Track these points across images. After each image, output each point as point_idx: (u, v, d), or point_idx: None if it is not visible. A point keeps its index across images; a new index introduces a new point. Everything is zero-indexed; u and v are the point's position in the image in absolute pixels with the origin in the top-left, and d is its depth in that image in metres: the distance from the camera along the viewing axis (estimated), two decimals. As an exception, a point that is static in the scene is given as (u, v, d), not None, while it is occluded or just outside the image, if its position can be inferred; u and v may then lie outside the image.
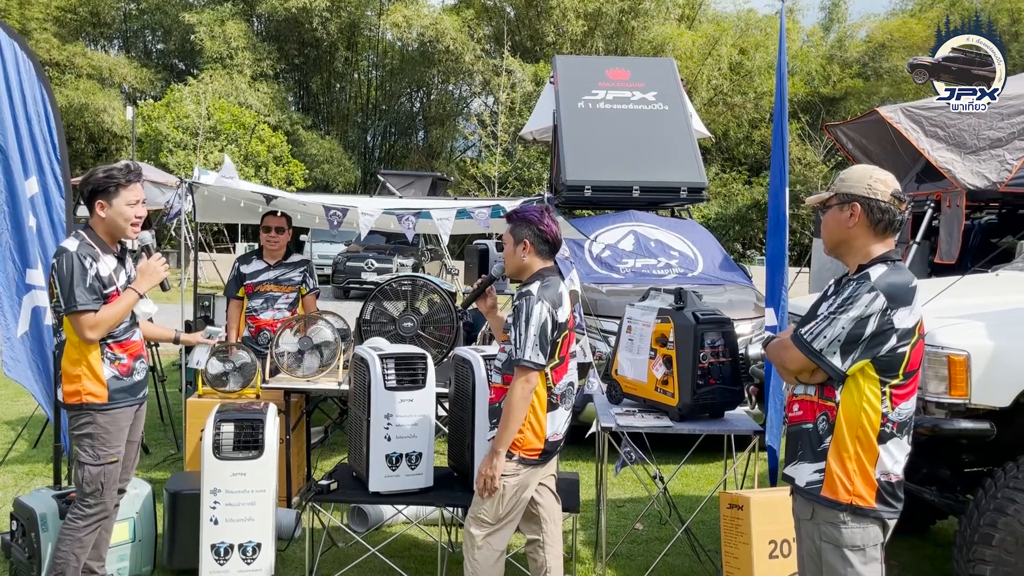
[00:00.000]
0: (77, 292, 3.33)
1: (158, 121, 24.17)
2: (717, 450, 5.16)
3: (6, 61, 4.53)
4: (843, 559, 2.46)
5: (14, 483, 5.43)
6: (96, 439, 3.43)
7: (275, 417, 3.99)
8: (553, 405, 3.29)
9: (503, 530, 3.33)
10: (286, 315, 5.47)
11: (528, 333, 3.14)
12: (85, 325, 3.35)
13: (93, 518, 3.48)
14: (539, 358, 3.14)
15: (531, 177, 25.24)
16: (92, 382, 3.42)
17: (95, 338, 3.39)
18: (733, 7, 36.02)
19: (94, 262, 3.39)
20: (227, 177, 5.19)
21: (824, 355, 2.46)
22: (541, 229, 3.34)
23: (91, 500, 3.46)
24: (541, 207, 3.45)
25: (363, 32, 32.71)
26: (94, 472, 3.43)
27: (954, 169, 7.03)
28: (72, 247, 3.39)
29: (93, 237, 3.47)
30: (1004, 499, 3.31)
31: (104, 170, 3.45)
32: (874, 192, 2.50)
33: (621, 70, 9.64)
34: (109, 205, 3.42)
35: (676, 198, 8.61)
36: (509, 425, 3.18)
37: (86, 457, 3.43)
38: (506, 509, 3.28)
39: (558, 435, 3.33)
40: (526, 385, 3.15)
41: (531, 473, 3.30)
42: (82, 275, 3.34)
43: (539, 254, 3.36)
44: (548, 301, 3.20)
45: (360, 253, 17.88)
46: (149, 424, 6.94)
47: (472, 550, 3.32)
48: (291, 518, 4.61)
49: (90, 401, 3.42)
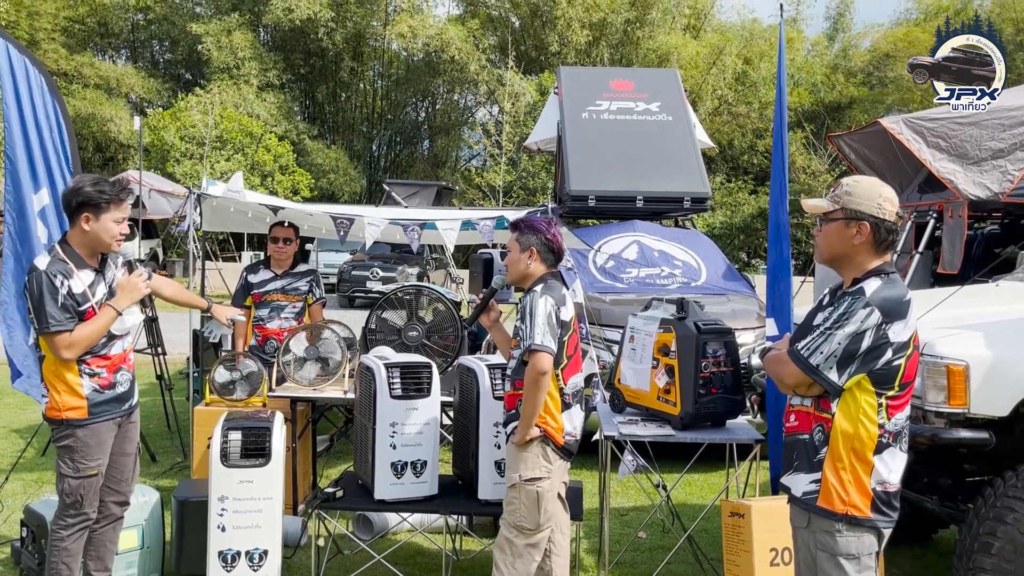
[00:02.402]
0: (49, 311, 3.24)
1: (165, 131, 24.31)
2: (719, 459, 5.18)
3: (16, 77, 4.62)
4: (838, 567, 2.49)
5: (23, 491, 5.48)
6: (76, 452, 3.39)
7: (282, 425, 4.03)
8: (567, 404, 3.38)
9: (542, 537, 3.39)
10: (293, 324, 5.52)
11: (536, 322, 3.24)
12: (60, 345, 3.28)
13: (74, 527, 3.46)
14: (549, 342, 3.23)
15: (535, 187, 25.28)
16: (71, 397, 3.37)
17: (71, 358, 3.32)
18: (737, 17, 35.99)
19: (65, 279, 3.30)
20: (234, 190, 5.24)
21: (821, 370, 2.48)
22: (548, 239, 3.45)
23: (72, 511, 3.44)
24: (547, 218, 3.56)
25: (368, 42, 32.83)
26: (73, 485, 3.40)
27: (956, 180, 7.06)
28: (42, 265, 3.31)
29: (68, 251, 3.37)
30: (1003, 508, 3.33)
31: (94, 183, 3.36)
32: (883, 212, 2.50)
33: (625, 81, 9.70)
34: (96, 220, 3.33)
35: (680, 208, 8.64)
36: (528, 409, 3.27)
37: (66, 469, 3.40)
38: (546, 515, 3.36)
39: (575, 434, 3.42)
40: (536, 369, 3.21)
41: (560, 470, 3.39)
42: (52, 294, 3.25)
43: (544, 262, 3.46)
44: (552, 298, 3.31)
45: (365, 262, 17.96)
46: (156, 432, 7.00)
47: (513, 559, 3.36)
48: (297, 525, 4.64)
49: (70, 417, 3.37)
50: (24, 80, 4.64)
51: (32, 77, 4.68)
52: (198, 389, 5.90)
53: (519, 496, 3.36)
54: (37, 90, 4.69)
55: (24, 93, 4.63)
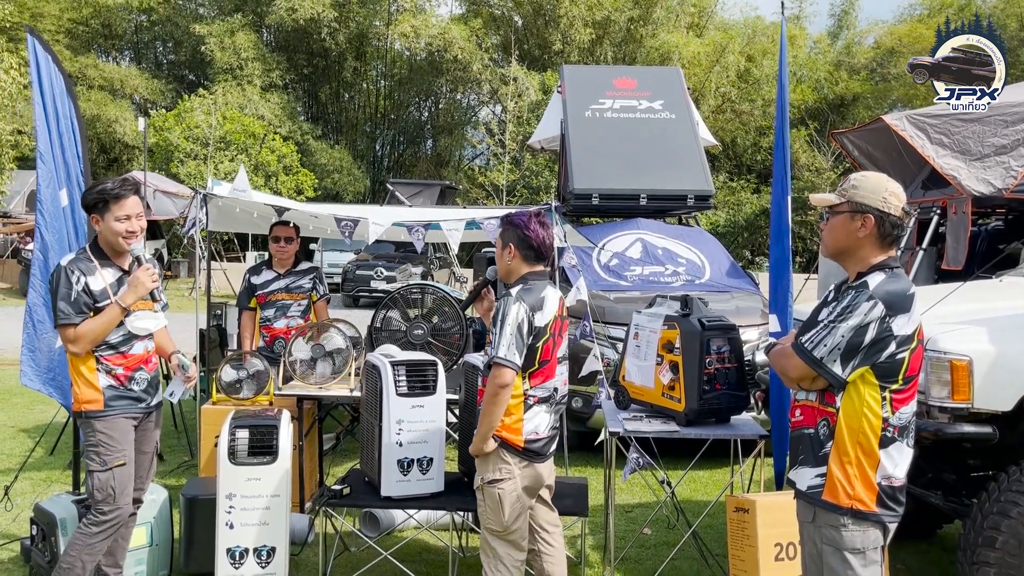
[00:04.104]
0: (60, 306, 3.37)
1: (169, 132, 24.38)
2: (724, 455, 5.19)
3: (41, 75, 4.65)
4: (843, 561, 2.51)
5: (32, 489, 5.52)
6: (99, 445, 3.46)
7: (288, 423, 4.06)
8: (528, 405, 3.29)
9: (516, 537, 3.37)
10: (299, 323, 5.55)
11: (504, 332, 3.17)
12: (66, 339, 3.41)
13: (107, 524, 3.47)
14: (514, 356, 3.17)
15: (539, 185, 25.29)
16: (88, 389, 3.45)
17: (78, 351, 3.41)
18: (740, 14, 35.96)
19: (83, 276, 3.39)
20: (240, 189, 5.27)
21: (825, 363, 2.50)
22: (526, 234, 3.34)
23: (104, 507, 3.46)
24: (531, 212, 3.45)
25: (371, 42, 32.87)
26: (103, 478, 3.44)
27: (959, 176, 7.06)
28: (65, 261, 3.45)
29: (95, 250, 3.50)
30: (1007, 502, 3.34)
31: (98, 185, 3.48)
32: (888, 206, 2.51)
33: (628, 79, 9.70)
34: (102, 220, 3.44)
35: (683, 206, 8.65)
36: (485, 420, 3.26)
37: (94, 465, 3.46)
38: (510, 516, 3.30)
39: (538, 435, 3.32)
40: (498, 382, 3.19)
41: (523, 473, 3.31)
42: (67, 289, 3.36)
43: (525, 259, 3.37)
44: (526, 304, 3.22)
45: (369, 262, 18.00)
46: (163, 431, 7.01)
47: (495, 561, 3.35)
48: (304, 523, 4.67)
49: (88, 409, 3.46)
50: (48, 79, 4.68)
51: (55, 77, 4.72)
52: (205, 388, 5.93)
53: (483, 498, 3.37)
54: (59, 90, 4.73)
55: (48, 92, 4.67)
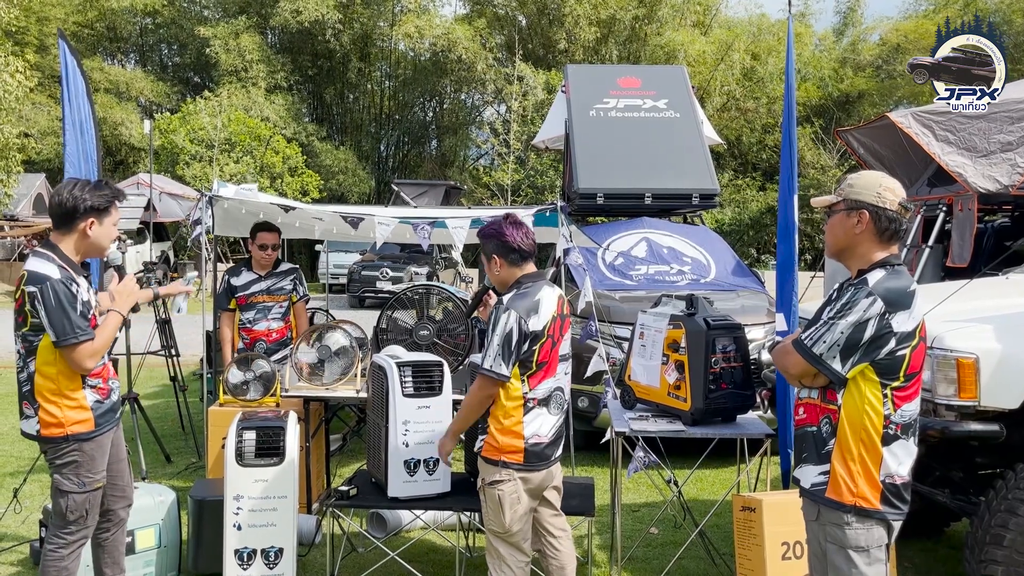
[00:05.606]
0: (74, 321, 3.12)
1: (174, 134, 24.44)
2: (730, 454, 5.20)
3: (69, 79, 4.70)
4: (848, 560, 2.51)
5: (41, 492, 5.55)
6: (81, 466, 3.27)
7: (295, 425, 4.07)
8: (528, 408, 3.27)
9: (517, 540, 3.37)
10: (280, 325, 5.55)
11: (492, 343, 3.18)
12: (85, 355, 3.17)
13: (75, 545, 3.33)
14: (500, 368, 3.17)
15: (544, 185, 25.27)
16: (75, 411, 3.24)
17: (93, 367, 3.24)
18: (745, 12, 35.91)
19: (78, 287, 3.19)
20: (247, 189, 5.28)
21: (824, 359, 2.50)
22: (504, 240, 3.32)
23: (74, 528, 3.30)
24: (501, 216, 3.42)
25: (375, 43, 32.89)
26: (79, 500, 3.27)
27: (965, 173, 7.05)
28: (55, 274, 3.13)
29: (64, 258, 3.22)
30: (1015, 500, 3.34)
31: (94, 187, 3.27)
32: (883, 201, 2.53)
33: (632, 78, 9.70)
34: (100, 224, 3.26)
35: (688, 205, 8.65)
36: (459, 422, 3.41)
37: (70, 485, 3.26)
38: (510, 519, 3.30)
39: (540, 437, 3.29)
40: (480, 392, 3.24)
41: (526, 479, 3.30)
42: (71, 303, 3.12)
43: (511, 264, 3.35)
44: (518, 311, 3.19)
45: (375, 262, 18.05)
46: (170, 433, 7.06)
47: (499, 562, 3.36)
48: (311, 524, 4.69)
49: (76, 431, 3.25)
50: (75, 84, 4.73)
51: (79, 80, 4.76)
52: (212, 390, 5.95)
53: (484, 500, 3.38)
54: (82, 92, 4.77)
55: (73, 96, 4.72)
